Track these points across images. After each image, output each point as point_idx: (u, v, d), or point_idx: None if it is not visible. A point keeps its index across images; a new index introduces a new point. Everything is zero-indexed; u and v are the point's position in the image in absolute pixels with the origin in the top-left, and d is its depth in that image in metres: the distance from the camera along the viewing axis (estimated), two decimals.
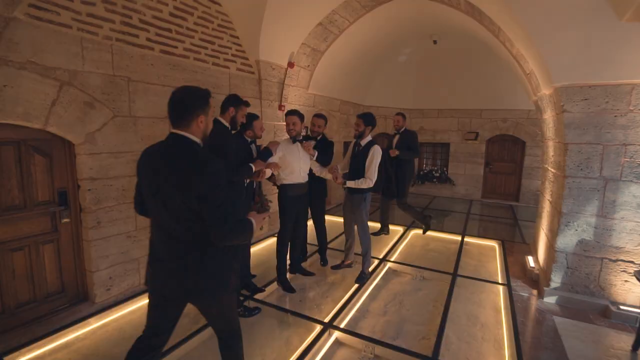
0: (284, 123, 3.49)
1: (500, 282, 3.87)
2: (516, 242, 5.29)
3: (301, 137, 3.47)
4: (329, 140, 3.94)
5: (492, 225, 6.47)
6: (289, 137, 3.46)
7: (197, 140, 1.58)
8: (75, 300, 3.02)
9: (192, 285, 1.58)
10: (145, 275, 1.71)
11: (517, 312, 3.15)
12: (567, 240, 3.24)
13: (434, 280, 4.00)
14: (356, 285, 3.64)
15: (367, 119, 3.53)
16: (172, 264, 1.58)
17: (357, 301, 3.40)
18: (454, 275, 3.99)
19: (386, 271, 4.20)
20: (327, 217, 4.75)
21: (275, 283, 3.63)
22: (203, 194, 1.47)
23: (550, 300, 3.38)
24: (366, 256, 3.74)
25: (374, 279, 3.91)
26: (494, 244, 5.23)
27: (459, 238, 5.40)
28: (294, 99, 5.52)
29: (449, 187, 8.91)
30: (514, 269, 4.21)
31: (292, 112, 3.40)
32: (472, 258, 4.70)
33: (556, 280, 3.33)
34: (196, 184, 1.46)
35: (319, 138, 3.83)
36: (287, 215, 3.44)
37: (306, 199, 3.61)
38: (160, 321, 1.73)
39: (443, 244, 5.27)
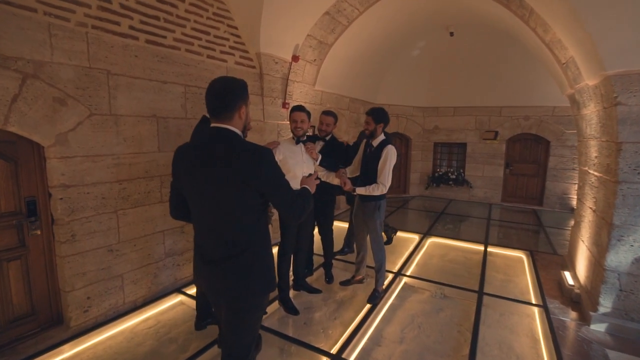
0: (288, 121, 3.08)
1: (534, 302, 3.37)
2: (546, 253, 4.75)
3: (305, 138, 3.05)
4: (338, 141, 3.51)
5: (516, 233, 5.93)
6: (292, 136, 3.04)
7: (239, 132, 1.53)
8: (47, 324, 2.65)
9: (243, 287, 1.54)
10: (194, 278, 1.73)
11: (559, 343, 2.66)
12: (620, 257, 2.73)
13: (456, 298, 3.52)
14: (368, 306, 3.19)
15: (378, 115, 3.09)
16: (221, 266, 1.53)
17: (370, 325, 2.95)
18: (480, 292, 3.50)
19: (402, 287, 3.74)
20: (336, 223, 4.32)
21: (277, 302, 3.21)
22: (268, 184, 1.49)
23: (598, 328, 2.87)
24: (380, 272, 3.30)
25: (389, 297, 3.46)
26: (521, 254, 4.71)
27: (481, 248, 4.90)
28: (299, 96, 5.10)
29: (466, 190, 8.37)
30: (549, 286, 3.70)
31: (299, 108, 2.99)
32: (498, 271, 4.20)
33: (606, 304, 2.83)
34: (258, 177, 1.44)
35: (327, 138, 3.41)
36: (288, 226, 3.02)
37: (312, 210, 3.18)
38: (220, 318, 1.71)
39: (464, 253, 4.78)
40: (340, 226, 5.13)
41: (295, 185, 2.83)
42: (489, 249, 4.84)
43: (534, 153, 7.80)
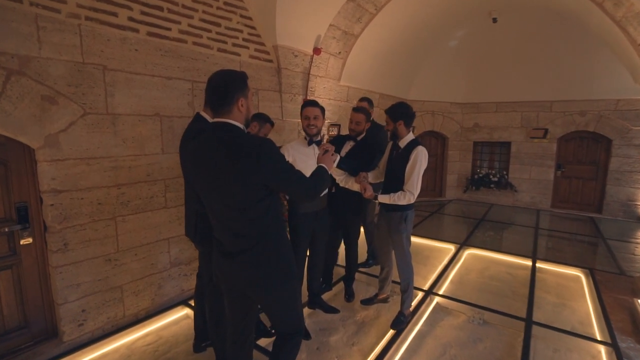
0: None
1: (599, 338, 2.75)
2: (610, 272, 4.01)
3: (319, 138, 2.67)
4: (369, 142, 3.09)
5: (570, 245, 5.16)
6: (304, 136, 2.68)
7: (240, 125, 1.53)
8: (41, 337, 2.49)
9: (260, 279, 1.57)
10: (213, 273, 1.72)
11: None
12: None
13: (498, 325, 2.98)
14: (392, 332, 2.76)
15: (394, 111, 2.63)
16: (239, 258, 1.56)
17: (393, 356, 2.52)
18: (528, 320, 2.94)
19: (433, 308, 3.25)
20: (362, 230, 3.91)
21: None
22: (271, 177, 1.49)
23: None
24: (406, 293, 2.84)
25: (417, 321, 2.99)
26: (577, 272, 4.01)
27: (528, 262, 4.25)
28: (323, 92, 4.73)
29: (510, 194, 7.56)
30: (618, 317, 3.04)
31: (312, 104, 2.62)
32: (550, 292, 3.57)
33: None
34: (258, 172, 1.46)
35: (359, 138, 3.02)
36: (299, 237, 2.66)
37: (325, 216, 2.80)
38: (238, 318, 1.73)
39: (507, 269, 4.17)
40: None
41: None
42: (538, 265, 4.18)
43: (591, 153, 6.85)
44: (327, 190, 2.74)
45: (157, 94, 2.84)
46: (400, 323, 2.80)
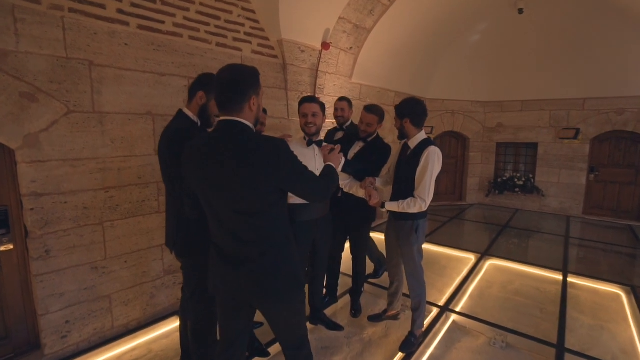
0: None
1: None
2: None
3: (319, 138, 2.41)
4: (380, 145, 2.82)
5: (606, 257, 4.67)
6: (303, 136, 2.43)
7: (251, 125, 1.43)
8: (23, 348, 2.35)
9: (268, 289, 1.47)
10: (211, 282, 1.58)
11: None
12: None
13: (524, 350, 2.64)
14: (401, 355, 2.46)
15: (400, 109, 2.37)
16: (245, 267, 1.45)
17: None
18: (560, 347, 2.57)
19: (449, 328, 2.93)
20: (373, 235, 3.63)
21: None
22: (289, 179, 1.42)
23: None
24: (418, 312, 2.54)
25: (430, 342, 2.68)
26: (617, 290, 3.57)
27: (558, 276, 3.84)
28: (333, 90, 4.47)
29: (537, 199, 7.04)
30: None
31: (309, 99, 2.37)
32: (584, 313, 3.17)
33: None
34: (277, 174, 1.37)
35: (369, 140, 2.75)
36: (299, 247, 2.39)
37: (327, 224, 2.53)
38: (232, 329, 1.62)
39: (534, 283, 3.77)
40: (380, 238, 4.41)
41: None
42: (570, 279, 3.76)
43: (630, 155, 6.26)
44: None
45: (149, 91, 2.67)
46: (411, 345, 2.49)
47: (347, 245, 3.10)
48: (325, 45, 3.99)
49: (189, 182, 1.51)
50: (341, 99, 3.32)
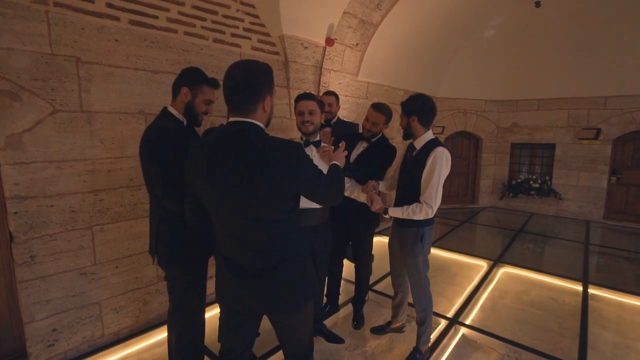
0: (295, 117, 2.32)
1: None
2: None
3: (318, 138, 2.25)
4: (385, 146, 2.65)
5: (631, 266, 4.36)
6: (300, 136, 2.28)
7: (263, 126, 1.34)
8: (9, 357, 2.26)
9: (285, 301, 1.40)
10: (217, 294, 1.50)
11: None
12: None
13: None
14: None
15: (407, 106, 2.21)
16: (260, 277, 1.36)
17: None
18: None
19: (458, 342, 2.73)
20: (377, 239, 3.45)
21: (282, 353, 2.46)
22: (308, 183, 1.36)
23: None
24: (423, 326, 2.35)
25: (438, 357, 2.50)
26: None
27: (578, 287, 3.58)
28: (338, 88, 4.30)
29: (553, 203, 6.72)
30: None
31: (306, 96, 2.23)
32: (609, 329, 2.92)
33: None
34: (297, 178, 1.31)
35: (374, 140, 2.59)
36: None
37: (326, 231, 2.37)
38: (237, 342, 1.53)
39: (551, 293, 3.53)
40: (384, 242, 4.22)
41: (303, 202, 2.04)
42: (591, 290, 3.50)
43: None
44: None
45: (141, 89, 2.55)
46: None
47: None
48: (330, 42, 3.83)
49: (193, 187, 1.40)
50: (328, 93, 3.19)
